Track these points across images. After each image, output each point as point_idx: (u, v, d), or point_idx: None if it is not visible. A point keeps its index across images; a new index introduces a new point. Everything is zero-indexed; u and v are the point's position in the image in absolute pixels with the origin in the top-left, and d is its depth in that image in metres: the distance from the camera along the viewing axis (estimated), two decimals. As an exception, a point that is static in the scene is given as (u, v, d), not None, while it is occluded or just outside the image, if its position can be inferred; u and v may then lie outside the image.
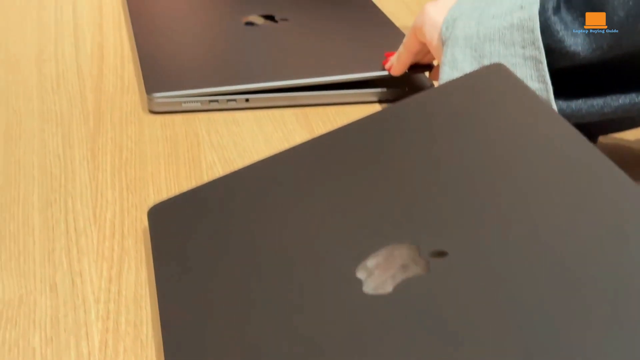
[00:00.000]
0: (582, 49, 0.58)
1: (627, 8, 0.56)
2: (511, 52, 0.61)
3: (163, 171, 0.64)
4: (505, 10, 0.62)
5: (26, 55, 0.83)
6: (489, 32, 0.63)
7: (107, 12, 0.94)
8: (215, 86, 0.73)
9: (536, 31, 0.60)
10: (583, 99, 0.60)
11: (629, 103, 0.58)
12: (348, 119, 0.73)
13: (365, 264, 0.44)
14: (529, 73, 0.61)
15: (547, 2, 0.60)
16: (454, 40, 0.65)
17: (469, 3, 0.66)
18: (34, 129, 0.69)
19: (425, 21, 0.69)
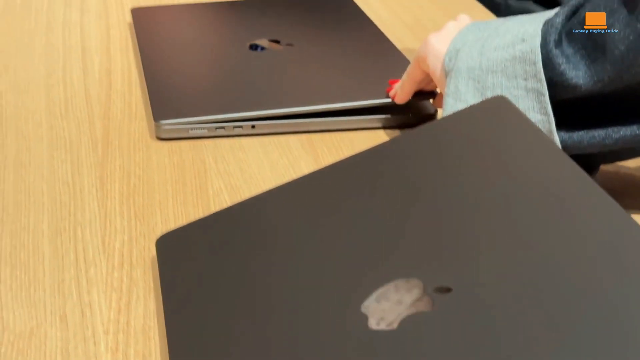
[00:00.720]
0: (583, 82, 0.59)
1: (627, 42, 0.57)
2: (513, 84, 0.62)
3: (170, 199, 0.65)
4: (507, 43, 0.63)
5: (35, 80, 0.84)
6: (491, 64, 0.64)
7: (115, 35, 0.96)
8: (222, 113, 0.74)
9: (538, 64, 0.61)
10: (585, 131, 0.61)
11: (630, 135, 0.59)
12: (352, 145, 0.75)
13: (370, 299, 0.45)
14: (531, 105, 0.61)
15: (548, 35, 0.61)
16: (457, 72, 0.66)
17: (471, 34, 0.67)
18: (43, 155, 0.70)
19: (428, 52, 0.70)
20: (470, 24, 0.70)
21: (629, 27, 0.57)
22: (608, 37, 0.58)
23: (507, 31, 0.64)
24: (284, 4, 1.05)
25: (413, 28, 1.01)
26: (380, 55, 0.87)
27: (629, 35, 0.56)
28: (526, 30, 0.62)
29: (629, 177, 0.70)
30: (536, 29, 0.62)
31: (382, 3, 1.09)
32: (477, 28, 0.68)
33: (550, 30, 0.61)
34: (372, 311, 0.45)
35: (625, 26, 0.57)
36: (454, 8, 1.08)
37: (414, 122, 0.77)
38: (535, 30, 0.62)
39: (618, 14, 0.58)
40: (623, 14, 0.57)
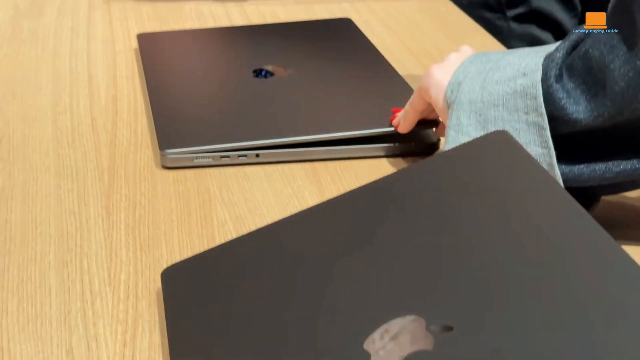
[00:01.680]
0: (583, 116, 0.60)
1: (627, 79, 0.57)
2: (515, 118, 0.63)
3: (176, 229, 0.66)
4: (508, 76, 0.64)
5: (42, 107, 0.85)
6: (493, 98, 0.64)
7: (121, 62, 0.97)
8: (226, 142, 0.75)
9: (539, 98, 0.61)
10: (585, 164, 0.62)
11: (630, 169, 0.60)
12: (356, 174, 0.75)
13: (373, 336, 0.46)
14: (532, 138, 0.62)
15: (549, 69, 0.62)
16: (458, 104, 0.66)
17: (473, 66, 0.68)
18: (50, 185, 0.71)
19: (430, 83, 0.71)
20: (472, 56, 0.70)
21: (629, 64, 0.57)
22: (608, 72, 0.59)
23: (508, 65, 0.65)
24: (288, 29, 1.06)
25: (417, 55, 1.02)
26: (384, 83, 0.88)
27: (628, 72, 0.57)
28: (527, 65, 0.63)
29: (631, 207, 0.71)
30: (537, 64, 0.62)
31: (386, 29, 1.10)
32: (478, 60, 0.69)
33: (551, 65, 0.62)
34: (375, 348, 0.45)
35: (625, 63, 0.57)
36: (458, 34, 1.09)
37: (417, 151, 0.78)
38: (536, 64, 0.62)
39: (618, 50, 0.59)
40: (623, 51, 0.58)
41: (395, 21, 1.13)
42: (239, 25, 1.09)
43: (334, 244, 0.54)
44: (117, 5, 1.15)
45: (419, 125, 0.77)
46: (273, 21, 1.12)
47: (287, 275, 0.53)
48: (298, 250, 0.55)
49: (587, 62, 0.61)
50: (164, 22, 1.10)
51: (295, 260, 0.54)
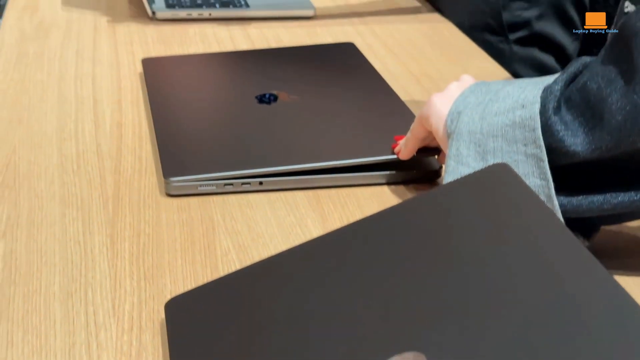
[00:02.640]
0: (581, 149, 0.60)
1: (624, 113, 0.58)
2: (514, 149, 0.64)
3: (179, 258, 0.66)
4: (507, 108, 0.65)
5: (48, 133, 0.86)
6: (492, 129, 0.65)
7: (126, 86, 0.97)
8: (230, 170, 0.75)
9: (537, 130, 0.62)
10: (583, 196, 0.62)
11: (628, 201, 0.60)
12: (358, 202, 0.76)
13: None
14: (530, 170, 0.63)
15: (547, 101, 0.62)
16: (458, 135, 0.67)
17: (472, 96, 0.69)
18: (55, 213, 0.72)
19: (431, 112, 0.71)
20: (472, 86, 0.71)
21: (626, 97, 0.58)
22: (606, 106, 0.59)
23: (507, 96, 0.66)
24: (292, 53, 1.06)
25: (420, 79, 1.03)
26: (387, 110, 0.89)
27: (625, 106, 0.58)
28: (526, 97, 0.64)
29: (632, 237, 0.71)
30: (535, 96, 0.63)
31: (389, 53, 1.10)
32: (478, 90, 0.69)
33: (550, 97, 0.62)
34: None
35: (623, 96, 0.58)
36: (460, 58, 1.10)
37: (418, 178, 0.79)
38: (535, 96, 0.63)
39: (615, 84, 0.59)
40: (620, 84, 0.59)
41: (398, 45, 1.14)
42: (243, 49, 1.10)
43: (335, 278, 0.55)
44: (122, 29, 1.16)
45: (421, 152, 0.77)
46: (276, 44, 1.13)
47: (290, 308, 0.53)
48: (299, 284, 0.55)
49: (585, 94, 0.61)
50: (168, 45, 1.11)
51: (297, 293, 0.55)
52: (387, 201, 0.76)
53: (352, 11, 1.27)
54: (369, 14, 1.26)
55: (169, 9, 1.19)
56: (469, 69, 1.06)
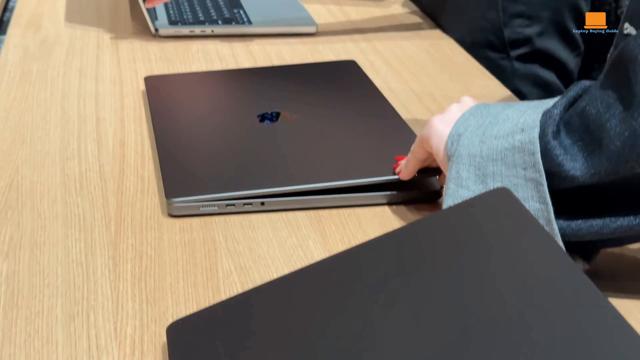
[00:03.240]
0: (580, 173, 0.61)
1: (623, 139, 0.58)
2: (513, 173, 0.64)
3: (181, 280, 0.67)
4: (507, 131, 0.65)
5: (51, 153, 0.86)
6: (491, 153, 0.65)
7: (129, 104, 0.98)
8: (232, 191, 0.76)
9: (536, 154, 0.62)
10: (583, 219, 0.62)
11: (627, 225, 0.60)
12: (359, 222, 0.76)
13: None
14: (530, 194, 0.63)
15: (547, 125, 0.63)
16: (458, 157, 0.67)
17: (472, 119, 0.69)
18: (58, 234, 0.72)
19: (431, 134, 0.72)
20: (472, 108, 0.71)
21: (625, 123, 0.58)
22: (604, 131, 0.59)
23: (507, 119, 0.66)
24: (294, 71, 1.07)
25: (421, 97, 1.03)
26: (388, 129, 0.89)
27: (624, 132, 0.58)
28: (525, 120, 0.64)
29: (632, 259, 0.71)
30: (535, 120, 0.63)
31: (391, 70, 1.11)
32: (478, 113, 0.70)
33: (549, 122, 0.63)
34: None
35: (621, 122, 0.58)
36: (461, 76, 1.10)
37: (420, 198, 0.79)
38: (534, 120, 0.63)
39: (614, 109, 0.59)
40: (619, 110, 0.59)
41: (400, 62, 1.14)
42: (245, 66, 1.11)
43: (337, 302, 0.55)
44: (125, 46, 1.16)
45: (422, 173, 0.78)
46: (279, 61, 1.13)
47: (291, 332, 0.54)
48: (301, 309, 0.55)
49: (584, 119, 0.61)
50: (171, 62, 1.11)
51: (299, 318, 0.55)
52: (388, 222, 0.76)
53: (353, 27, 1.28)
54: (370, 30, 1.26)
55: (172, 26, 1.20)
56: (470, 87, 1.07)
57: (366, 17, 1.32)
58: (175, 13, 1.24)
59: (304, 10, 1.30)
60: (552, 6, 1.18)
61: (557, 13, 1.18)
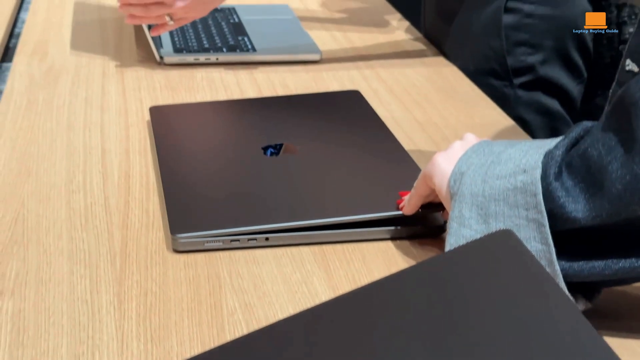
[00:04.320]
0: (582, 215, 0.61)
1: (624, 182, 0.58)
2: (515, 214, 0.64)
3: (186, 318, 0.67)
4: (509, 172, 0.65)
5: (56, 185, 0.86)
6: (494, 192, 0.66)
7: (134, 135, 0.98)
8: (237, 227, 0.76)
9: (538, 196, 0.63)
10: (585, 261, 0.62)
11: (629, 267, 0.61)
12: (363, 257, 0.76)
13: None
14: (532, 235, 0.63)
15: (549, 167, 0.63)
16: (460, 196, 0.68)
17: (475, 157, 0.70)
18: (63, 271, 0.72)
19: (434, 172, 0.72)
20: (475, 145, 0.72)
21: (626, 167, 0.58)
22: (606, 174, 0.60)
23: (509, 159, 0.66)
24: (297, 101, 1.08)
25: (425, 127, 1.03)
26: (392, 163, 0.89)
27: (625, 175, 0.58)
28: (527, 161, 0.65)
29: (635, 297, 0.71)
30: (537, 161, 0.64)
31: (394, 99, 1.11)
32: (481, 151, 0.70)
33: (551, 163, 0.63)
34: None
35: (622, 166, 0.59)
36: (465, 104, 1.11)
37: (423, 234, 0.79)
38: (536, 161, 0.64)
39: (615, 152, 0.60)
40: (620, 153, 0.59)
41: (403, 90, 1.15)
42: (250, 95, 1.11)
43: (342, 346, 0.55)
44: (131, 74, 1.17)
45: (425, 208, 0.78)
46: (283, 90, 1.14)
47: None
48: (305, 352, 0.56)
49: (585, 161, 0.62)
50: (176, 91, 1.12)
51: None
52: (392, 257, 0.76)
53: (357, 54, 1.28)
54: (374, 57, 1.27)
55: (177, 54, 1.21)
56: (474, 116, 1.07)
57: (370, 44, 1.33)
58: (180, 40, 1.25)
59: (308, 37, 1.31)
60: (555, 34, 1.18)
61: (560, 41, 1.19)
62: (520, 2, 1.17)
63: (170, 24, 1.16)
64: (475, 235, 0.68)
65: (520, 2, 1.17)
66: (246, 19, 1.37)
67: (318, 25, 1.41)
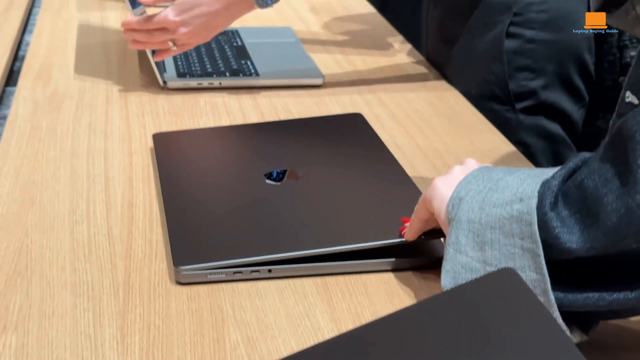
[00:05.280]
0: (577, 247, 0.61)
1: (619, 215, 0.59)
2: (510, 242, 0.65)
3: (189, 353, 0.67)
4: (506, 200, 0.66)
5: (60, 215, 0.87)
6: (490, 220, 0.66)
7: (137, 162, 0.99)
8: (239, 257, 0.76)
9: (533, 225, 0.63)
10: (579, 291, 0.63)
11: (623, 299, 0.61)
12: (366, 289, 0.76)
13: None
14: (527, 264, 0.64)
15: (545, 197, 0.63)
16: (458, 222, 0.68)
17: (474, 183, 0.70)
18: (67, 304, 0.73)
19: (434, 196, 0.73)
20: (475, 171, 0.72)
21: (621, 200, 0.59)
22: (602, 206, 0.60)
23: (506, 187, 0.67)
24: (300, 125, 1.08)
25: (427, 153, 1.04)
26: (395, 189, 0.90)
27: (620, 209, 0.59)
28: (524, 190, 0.65)
29: (633, 332, 0.71)
30: (533, 191, 0.64)
31: (396, 124, 1.12)
32: (480, 177, 0.70)
33: (547, 193, 0.63)
34: None
35: (618, 199, 0.59)
36: (467, 130, 1.11)
37: (425, 265, 0.79)
38: (532, 191, 0.64)
39: (612, 184, 0.60)
40: (616, 185, 0.60)
41: (406, 115, 1.15)
42: (252, 120, 1.12)
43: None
44: (134, 99, 1.17)
45: (427, 235, 0.78)
46: (285, 115, 1.14)
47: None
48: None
49: (582, 192, 0.62)
50: (179, 116, 1.12)
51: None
52: (394, 289, 0.76)
53: (360, 78, 1.29)
54: (376, 81, 1.27)
55: (180, 78, 1.21)
56: (476, 142, 1.07)
57: (372, 67, 1.34)
58: (184, 64, 1.26)
59: (310, 62, 1.31)
60: (556, 59, 1.19)
61: (561, 66, 1.19)
62: (522, 28, 1.18)
63: (173, 49, 1.17)
64: (470, 262, 0.68)
65: (522, 28, 1.18)
66: (249, 41, 1.38)
67: (320, 47, 1.42)
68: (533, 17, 1.17)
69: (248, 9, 1.15)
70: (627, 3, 0.80)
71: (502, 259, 0.66)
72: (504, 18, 1.18)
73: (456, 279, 0.69)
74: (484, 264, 0.67)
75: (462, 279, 0.68)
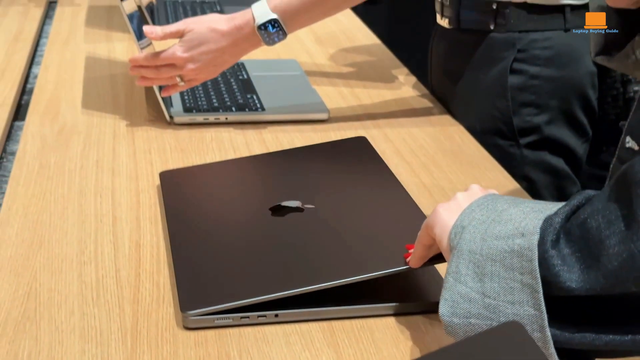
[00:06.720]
0: (576, 286, 0.62)
1: (620, 260, 0.59)
2: (510, 276, 0.65)
3: (196, 401, 0.68)
4: (508, 233, 0.66)
5: (68, 257, 0.87)
6: (491, 252, 0.67)
7: (144, 201, 0.99)
8: (246, 298, 0.76)
9: (534, 262, 0.64)
10: (576, 329, 0.64)
11: (619, 340, 0.62)
12: (372, 334, 0.77)
13: None
14: (525, 299, 0.64)
15: (546, 233, 0.64)
16: (459, 252, 0.69)
17: (478, 212, 0.71)
18: (75, 350, 0.73)
19: (436, 222, 0.74)
20: (480, 199, 0.73)
21: (624, 244, 0.59)
22: (603, 248, 0.61)
23: (509, 220, 0.67)
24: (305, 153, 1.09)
25: (431, 190, 1.05)
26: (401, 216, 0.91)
27: (622, 253, 0.59)
28: (526, 225, 0.66)
29: None
30: (535, 226, 0.65)
31: (401, 161, 1.13)
32: (484, 207, 0.71)
33: (549, 229, 0.64)
34: None
35: (620, 242, 0.60)
36: (471, 167, 1.12)
37: (431, 309, 0.80)
38: (535, 227, 0.65)
39: (615, 227, 0.61)
40: (619, 229, 0.60)
41: (410, 151, 1.16)
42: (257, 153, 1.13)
43: None
44: (141, 134, 1.18)
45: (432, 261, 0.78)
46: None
47: None
48: None
49: (584, 231, 0.63)
50: (185, 153, 1.13)
51: None
52: (400, 334, 0.77)
53: (365, 112, 1.30)
54: (381, 116, 1.28)
55: (187, 114, 1.22)
56: (480, 180, 1.08)
57: (377, 101, 1.35)
58: (190, 99, 1.27)
59: (316, 96, 1.32)
60: (560, 95, 1.20)
61: (565, 101, 1.20)
62: (526, 64, 1.18)
63: (181, 85, 1.18)
64: (469, 292, 0.68)
65: (526, 64, 1.18)
66: (255, 75, 1.39)
67: (326, 80, 1.43)
68: (537, 53, 1.18)
69: (255, 46, 1.16)
70: (627, 47, 0.81)
71: (501, 292, 0.66)
72: (508, 54, 1.19)
73: (454, 308, 0.69)
74: (483, 296, 0.67)
75: (460, 308, 0.68)
